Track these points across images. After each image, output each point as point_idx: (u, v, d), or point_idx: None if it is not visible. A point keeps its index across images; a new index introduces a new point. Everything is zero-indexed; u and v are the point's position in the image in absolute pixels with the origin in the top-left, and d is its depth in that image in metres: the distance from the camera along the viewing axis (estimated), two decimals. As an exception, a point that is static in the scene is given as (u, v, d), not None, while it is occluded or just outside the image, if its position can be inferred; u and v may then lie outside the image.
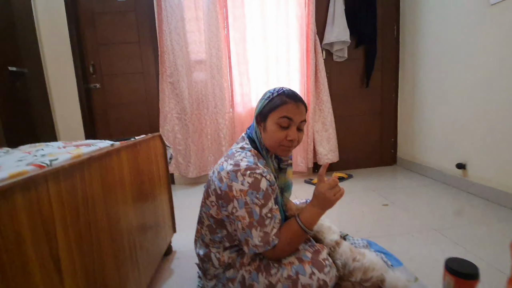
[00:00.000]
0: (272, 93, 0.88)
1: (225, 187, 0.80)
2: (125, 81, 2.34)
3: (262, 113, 0.88)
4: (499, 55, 1.60)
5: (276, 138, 0.85)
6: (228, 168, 0.81)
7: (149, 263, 1.02)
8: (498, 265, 1.09)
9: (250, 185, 0.78)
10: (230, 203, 0.80)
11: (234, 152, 0.88)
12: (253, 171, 0.79)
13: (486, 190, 1.72)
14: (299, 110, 0.86)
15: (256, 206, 0.79)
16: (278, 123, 0.84)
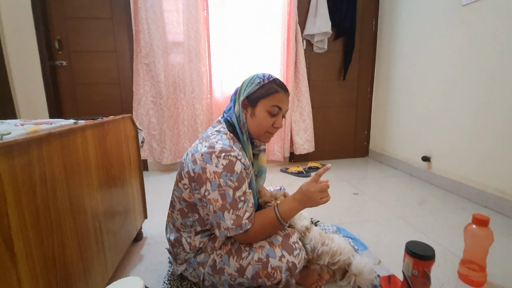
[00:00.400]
0: (263, 79, 0.87)
1: (198, 169, 0.79)
2: (96, 60, 2.19)
3: (250, 98, 0.87)
4: (465, 55, 1.69)
5: (264, 124, 0.87)
6: (203, 150, 0.80)
7: (117, 248, 0.99)
8: (453, 249, 1.18)
9: (224, 167, 0.77)
10: (203, 186, 0.79)
11: (210, 135, 0.86)
12: (228, 153, 0.79)
13: (447, 182, 1.85)
14: (287, 100, 0.89)
15: (230, 189, 0.78)
16: (268, 111, 0.85)
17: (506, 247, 1.19)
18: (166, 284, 0.98)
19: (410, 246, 0.86)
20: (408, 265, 0.85)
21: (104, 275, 0.87)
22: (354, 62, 2.54)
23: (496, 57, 1.51)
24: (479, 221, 0.93)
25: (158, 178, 2.22)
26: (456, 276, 1.01)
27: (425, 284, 0.84)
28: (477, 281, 0.96)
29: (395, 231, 1.34)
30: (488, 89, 1.57)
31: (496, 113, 1.53)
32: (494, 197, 1.55)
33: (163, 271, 1.06)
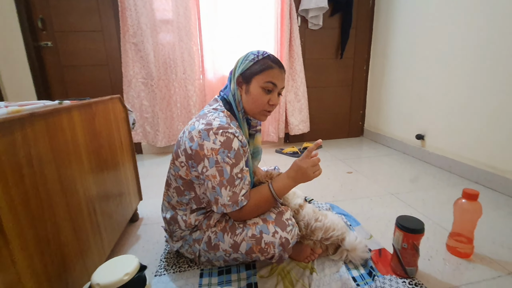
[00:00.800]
0: (257, 56, 0.85)
1: (196, 146, 0.78)
2: (82, 40, 2.10)
3: (245, 75, 0.85)
4: (462, 33, 1.65)
5: (259, 102, 0.85)
6: (200, 127, 0.79)
7: (113, 229, 1.00)
8: (443, 223, 1.21)
9: (222, 143, 0.77)
10: (201, 163, 0.79)
11: (206, 113, 0.85)
12: (226, 130, 0.78)
13: (440, 159, 1.88)
14: (282, 76, 0.86)
15: (227, 165, 0.78)
16: (263, 87, 0.84)
17: (494, 220, 1.23)
18: (163, 262, 1.00)
19: (400, 220, 0.88)
20: (398, 238, 0.88)
21: (101, 255, 0.89)
22: (350, 39, 2.48)
23: (492, 36, 1.48)
24: (468, 195, 0.95)
25: (153, 161, 2.21)
26: (444, 248, 1.05)
27: (414, 256, 0.87)
28: (464, 252, 1.00)
29: (387, 207, 1.37)
30: (482, 68, 1.55)
31: (488, 91, 1.52)
32: (485, 173, 1.58)
33: (160, 249, 1.08)
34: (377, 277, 0.89)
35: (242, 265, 0.96)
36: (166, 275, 0.94)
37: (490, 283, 0.88)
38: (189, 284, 0.89)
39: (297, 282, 0.89)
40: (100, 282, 0.61)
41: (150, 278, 0.92)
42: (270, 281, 0.89)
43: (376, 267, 0.94)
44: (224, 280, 0.90)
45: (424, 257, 1.00)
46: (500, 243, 1.07)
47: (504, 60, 1.44)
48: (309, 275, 0.91)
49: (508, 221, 1.23)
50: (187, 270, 0.95)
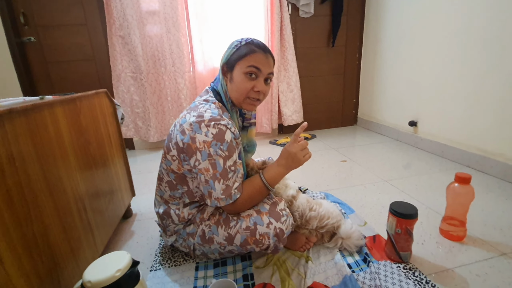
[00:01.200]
0: (240, 42, 0.82)
1: (187, 139, 0.77)
2: (66, 34, 2.03)
3: (229, 62, 0.83)
4: (453, 20, 1.64)
5: (243, 88, 0.82)
6: (191, 120, 0.77)
7: (105, 226, 0.98)
8: (436, 207, 1.23)
9: (214, 136, 0.75)
10: (193, 156, 0.77)
11: (198, 105, 0.83)
12: (218, 122, 0.76)
13: (433, 144, 1.89)
14: (267, 61, 0.82)
15: (220, 158, 0.76)
16: (245, 73, 0.80)
17: (485, 203, 1.24)
18: (158, 257, 0.99)
19: (394, 206, 0.88)
20: (391, 224, 0.88)
21: (94, 252, 0.87)
22: (341, 27, 2.45)
23: (482, 22, 1.47)
24: (461, 179, 0.96)
25: (146, 156, 2.19)
26: (438, 232, 1.06)
27: (407, 241, 0.88)
28: (457, 235, 1.01)
29: (380, 194, 1.38)
30: (472, 53, 1.54)
31: (479, 77, 1.52)
32: (476, 156, 1.59)
33: (154, 244, 1.07)
34: (371, 263, 0.89)
35: (238, 257, 0.96)
36: (161, 269, 0.93)
37: (482, 264, 0.89)
38: (184, 278, 0.89)
39: (292, 271, 0.89)
40: (92, 279, 0.60)
41: (145, 274, 0.92)
42: (266, 271, 0.89)
43: (370, 253, 0.95)
44: (220, 272, 0.90)
45: (418, 241, 1.01)
46: (492, 225, 1.08)
47: (494, 45, 1.44)
48: (304, 264, 0.92)
49: (499, 203, 1.25)
50: (183, 264, 0.95)
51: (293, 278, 0.86)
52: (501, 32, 1.40)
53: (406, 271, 0.87)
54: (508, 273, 0.85)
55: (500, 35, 1.41)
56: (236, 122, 0.90)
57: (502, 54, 1.41)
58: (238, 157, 0.84)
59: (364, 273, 0.87)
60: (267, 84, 0.86)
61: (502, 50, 1.40)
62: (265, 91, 0.85)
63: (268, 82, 0.86)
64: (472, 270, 0.87)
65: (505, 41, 1.39)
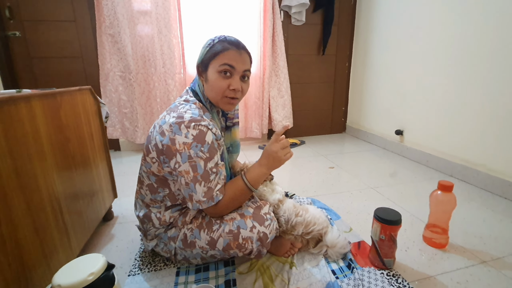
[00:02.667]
0: (213, 40, 0.81)
1: (167, 140, 0.74)
2: (54, 30, 1.98)
3: (203, 62, 0.81)
4: (440, 32, 1.70)
5: (218, 87, 0.79)
6: (171, 121, 0.75)
7: (83, 228, 0.94)
8: (420, 215, 1.24)
9: (194, 137, 0.73)
10: (173, 158, 0.75)
11: (178, 105, 0.81)
12: (198, 123, 0.74)
13: (418, 153, 1.93)
14: (241, 57, 0.80)
15: (201, 160, 0.74)
16: (219, 71, 0.78)
17: (467, 212, 1.27)
18: (138, 261, 0.95)
19: (378, 212, 0.88)
20: (376, 230, 0.88)
21: (69, 256, 0.83)
22: (332, 36, 2.49)
23: (466, 34, 1.53)
24: (444, 187, 0.97)
25: (132, 158, 2.13)
26: (421, 239, 1.07)
27: (391, 247, 0.88)
28: (439, 243, 1.02)
29: (366, 201, 1.38)
30: (457, 65, 1.59)
31: (462, 89, 1.57)
32: (459, 166, 1.63)
33: (135, 248, 1.03)
34: (356, 269, 0.89)
35: (221, 262, 0.93)
36: (140, 274, 0.89)
37: (463, 271, 0.90)
38: (164, 284, 0.86)
39: (276, 277, 0.87)
40: (62, 283, 0.56)
41: (123, 279, 0.88)
42: (249, 277, 0.87)
43: (355, 260, 0.94)
44: (201, 278, 0.87)
45: (402, 248, 1.01)
46: (473, 233, 1.10)
47: (477, 58, 1.49)
48: (288, 270, 0.90)
49: (480, 212, 1.27)
50: (163, 268, 0.92)
51: (276, 284, 0.84)
52: (484, 44, 1.45)
53: (389, 278, 0.86)
54: (487, 281, 0.86)
55: (483, 47, 1.46)
56: (218, 122, 0.88)
57: (485, 66, 1.46)
58: (221, 158, 0.83)
59: (348, 279, 0.86)
60: (244, 81, 0.83)
61: (485, 62, 1.45)
62: (243, 90, 0.83)
63: (245, 80, 0.83)
64: (454, 278, 0.87)
65: (488, 53, 1.44)
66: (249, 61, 0.83)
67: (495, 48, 1.40)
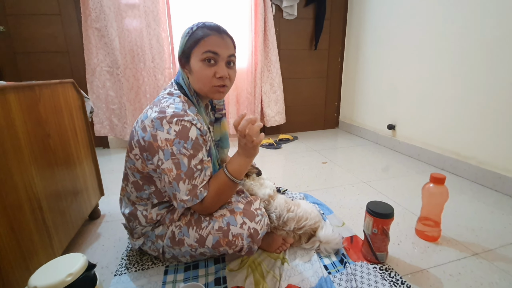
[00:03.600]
0: (192, 28, 0.76)
1: (148, 136, 0.71)
2: (38, 24, 1.91)
3: (184, 53, 0.77)
4: (431, 28, 1.69)
5: (203, 77, 0.75)
6: (153, 116, 0.71)
7: (66, 227, 0.90)
8: (412, 209, 1.23)
9: (177, 133, 0.70)
10: (156, 155, 0.71)
11: (161, 99, 0.77)
12: (181, 118, 0.71)
13: (410, 147, 1.93)
14: (224, 42, 0.75)
15: (184, 157, 0.71)
16: (202, 60, 0.74)
17: (459, 204, 1.27)
18: (125, 260, 0.92)
19: (371, 205, 0.87)
20: (368, 224, 0.87)
21: (50, 256, 0.79)
22: (325, 30, 2.47)
23: (458, 30, 1.52)
24: (436, 179, 0.96)
25: (121, 155, 2.08)
26: (413, 233, 1.06)
27: (384, 241, 0.87)
28: (432, 236, 1.01)
29: (359, 195, 1.37)
30: (448, 59, 1.59)
31: (453, 83, 1.57)
32: (450, 159, 1.64)
33: (122, 247, 1.00)
34: (348, 264, 0.87)
35: (211, 259, 0.91)
36: (127, 274, 0.86)
37: (455, 264, 0.89)
38: (152, 283, 0.83)
39: (267, 273, 0.85)
40: (38, 285, 0.53)
41: (109, 279, 0.85)
42: (239, 274, 0.85)
43: (347, 254, 0.93)
44: (190, 276, 0.85)
45: (394, 242, 1.00)
46: (464, 226, 1.10)
47: (468, 53, 1.49)
48: (280, 266, 0.88)
49: (471, 204, 1.27)
50: (151, 267, 0.89)
51: (267, 280, 0.82)
52: (474, 38, 1.45)
53: (382, 272, 0.85)
54: (479, 273, 0.85)
55: (475, 43, 1.46)
56: (206, 117, 0.84)
57: (475, 61, 1.46)
58: (208, 154, 0.80)
59: (340, 274, 0.84)
60: (230, 67, 0.78)
61: (477, 58, 1.45)
62: (230, 76, 0.79)
63: (232, 65, 0.79)
64: (446, 270, 0.87)
65: (478, 48, 1.44)
66: (233, 45, 0.79)
67: (484, 42, 1.40)
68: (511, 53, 1.29)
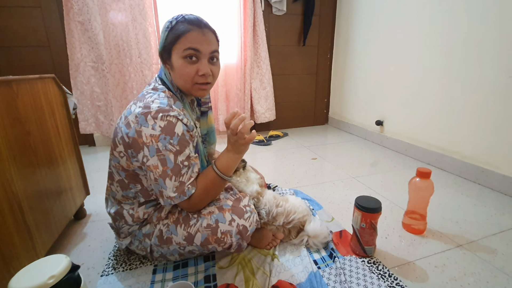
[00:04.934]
0: (171, 22, 0.73)
1: (133, 133, 0.69)
2: (17, 17, 1.83)
3: (165, 49, 0.74)
4: (418, 25, 1.71)
5: (185, 75, 0.73)
6: (137, 111, 0.69)
7: (50, 228, 0.87)
8: (399, 203, 1.26)
9: (162, 129, 0.68)
10: (140, 151, 0.70)
11: (145, 94, 0.75)
12: (166, 113, 0.69)
13: (397, 143, 1.96)
14: (206, 38, 0.72)
15: (170, 153, 0.70)
16: (184, 57, 0.71)
17: (443, 198, 1.30)
18: (111, 260, 0.90)
19: (359, 200, 0.88)
20: (357, 218, 0.88)
21: (32, 258, 0.77)
22: (314, 27, 2.47)
23: (445, 28, 1.55)
24: (422, 173, 0.98)
25: (107, 153, 2.03)
26: (400, 226, 1.08)
27: (372, 235, 0.88)
28: (418, 229, 1.04)
29: (348, 190, 1.39)
30: (433, 58, 1.62)
31: (438, 80, 1.60)
32: (436, 154, 1.68)
33: (109, 247, 0.97)
34: (337, 258, 0.88)
35: (200, 257, 0.90)
36: (114, 274, 0.84)
37: (440, 255, 0.92)
38: (140, 283, 0.81)
39: (258, 270, 0.85)
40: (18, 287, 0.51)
41: (95, 279, 0.83)
42: (229, 272, 0.84)
43: (336, 249, 0.94)
44: (179, 275, 0.84)
45: (382, 235, 1.02)
46: (449, 219, 1.13)
47: (454, 51, 1.52)
48: (270, 262, 0.88)
49: (455, 197, 1.31)
50: (139, 267, 0.87)
51: (258, 277, 0.82)
52: (460, 36, 1.48)
53: (370, 265, 0.86)
54: (463, 264, 0.88)
55: (458, 39, 1.49)
56: (191, 113, 0.82)
57: (460, 60, 1.49)
58: (195, 150, 0.78)
59: (330, 269, 0.85)
60: (213, 63, 0.76)
61: (461, 56, 1.48)
62: (214, 73, 0.76)
63: (215, 61, 0.76)
64: (432, 262, 0.89)
65: (465, 48, 1.47)
66: (215, 40, 0.76)
67: (470, 40, 1.43)
68: (495, 52, 1.33)
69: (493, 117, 1.36)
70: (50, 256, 0.60)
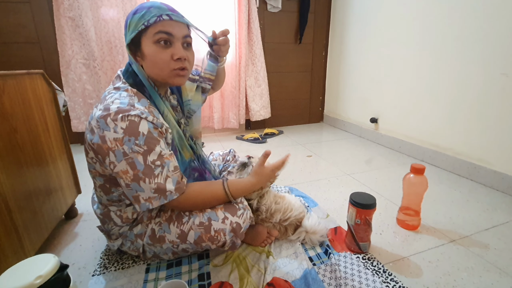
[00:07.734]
0: (136, 10, 0.68)
1: (97, 139, 0.64)
2: (4, 12, 1.78)
3: (133, 40, 0.69)
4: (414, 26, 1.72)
5: (160, 61, 0.69)
6: (97, 115, 0.64)
7: (39, 228, 0.85)
8: (394, 199, 1.26)
9: (125, 130, 0.63)
10: (106, 158, 0.65)
11: (106, 95, 0.70)
12: (126, 113, 0.63)
13: (391, 140, 1.97)
14: (176, 23, 0.69)
15: (138, 155, 0.65)
16: (155, 42, 0.68)
17: (437, 194, 1.31)
18: (103, 259, 0.88)
19: (354, 196, 0.87)
20: (351, 214, 0.88)
21: (20, 259, 0.74)
22: (309, 24, 2.46)
23: (438, 26, 1.55)
24: (416, 169, 0.99)
25: (101, 151, 2.00)
26: (395, 222, 1.09)
27: (366, 231, 0.88)
28: (412, 224, 1.04)
29: (343, 187, 1.39)
30: (427, 56, 1.63)
31: (432, 77, 1.61)
32: (429, 151, 1.69)
33: (101, 247, 0.95)
34: (332, 255, 0.88)
35: (194, 256, 0.89)
36: (105, 274, 0.83)
37: (434, 251, 0.92)
38: (132, 282, 0.80)
39: (252, 267, 0.84)
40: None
41: (86, 279, 0.81)
42: (224, 269, 0.83)
43: (332, 245, 0.94)
44: (173, 273, 0.82)
45: (376, 231, 1.02)
46: (442, 214, 1.14)
47: (447, 49, 1.52)
48: (265, 259, 0.87)
49: (449, 193, 1.32)
50: (132, 266, 0.86)
51: (252, 275, 0.81)
52: (454, 34, 1.49)
53: (365, 262, 0.86)
54: (456, 259, 0.89)
55: (452, 37, 1.49)
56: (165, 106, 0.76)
57: (454, 58, 1.50)
58: (172, 147, 0.75)
59: (325, 265, 0.85)
60: (187, 49, 0.73)
61: (454, 54, 1.49)
62: (189, 58, 0.73)
63: (188, 47, 0.73)
64: (425, 257, 0.89)
65: (457, 43, 1.47)
66: (187, 27, 0.74)
67: (463, 38, 1.44)
68: (488, 49, 1.34)
69: (485, 114, 1.38)
70: (38, 256, 0.58)
